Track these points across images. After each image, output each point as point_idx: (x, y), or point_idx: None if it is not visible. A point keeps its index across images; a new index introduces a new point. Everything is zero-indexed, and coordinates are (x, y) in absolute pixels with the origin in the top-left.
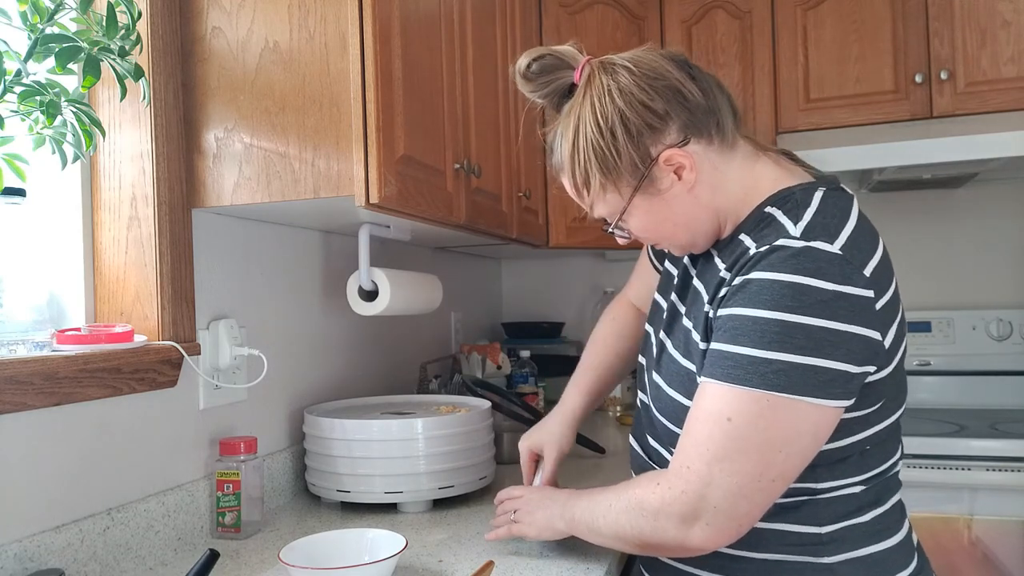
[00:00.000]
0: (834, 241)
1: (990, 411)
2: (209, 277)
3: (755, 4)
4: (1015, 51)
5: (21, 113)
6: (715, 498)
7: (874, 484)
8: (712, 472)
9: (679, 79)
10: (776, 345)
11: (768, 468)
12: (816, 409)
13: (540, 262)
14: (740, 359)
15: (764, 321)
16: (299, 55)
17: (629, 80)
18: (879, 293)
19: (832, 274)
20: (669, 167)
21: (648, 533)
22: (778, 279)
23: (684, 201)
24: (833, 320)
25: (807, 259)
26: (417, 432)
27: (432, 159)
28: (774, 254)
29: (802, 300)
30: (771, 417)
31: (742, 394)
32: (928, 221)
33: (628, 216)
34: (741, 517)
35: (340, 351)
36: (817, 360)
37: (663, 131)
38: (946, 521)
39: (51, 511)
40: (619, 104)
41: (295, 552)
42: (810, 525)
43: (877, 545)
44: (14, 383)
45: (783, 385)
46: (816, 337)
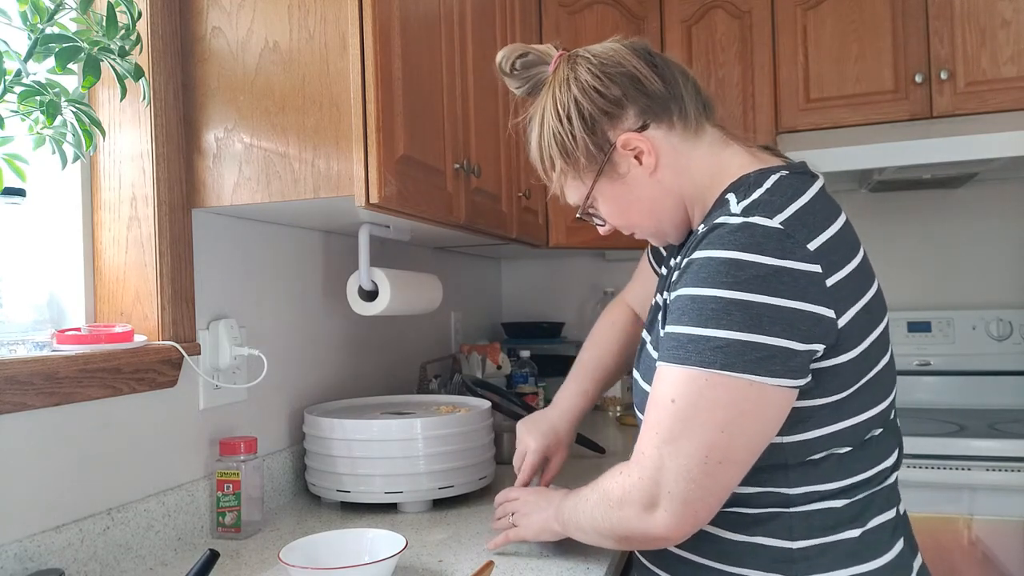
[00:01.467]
0: (775, 216)
1: (990, 411)
2: (209, 277)
3: (755, 4)
4: (1015, 51)
5: (21, 113)
6: (667, 482)
7: (857, 497)
8: (662, 455)
9: (636, 67)
10: (713, 322)
11: (712, 450)
12: (755, 387)
13: (540, 262)
14: (681, 338)
15: (702, 299)
16: (299, 55)
17: (586, 69)
18: (829, 269)
19: (770, 248)
20: (628, 151)
21: (616, 523)
22: (716, 256)
23: (646, 185)
24: (772, 296)
25: (744, 234)
26: (417, 432)
27: (432, 159)
28: (713, 232)
29: (738, 276)
30: (710, 396)
31: (683, 373)
32: (928, 221)
33: (595, 202)
34: (696, 503)
35: (340, 351)
36: (754, 336)
37: (620, 117)
38: (946, 521)
39: (51, 511)
40: (574, 92)
41: (295, 552)
42: (781, 539)
43: (857, 567)
44: (14, 383)
45: (720, 362)
46: (753, 312)
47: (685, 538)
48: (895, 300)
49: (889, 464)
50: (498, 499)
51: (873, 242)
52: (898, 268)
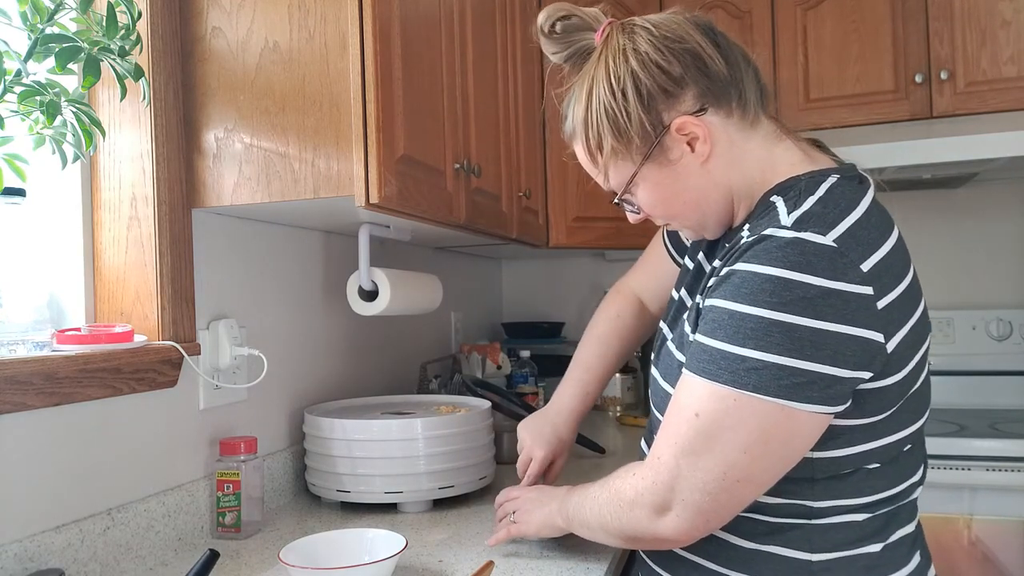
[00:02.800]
0: (828, 232)
1: (990, 411)
2: (209, 277)
3: (755, 4)
4: (1015, 51)
5: (21, 113)
6: (682, 491)
7: (880, 512)
8: (679, 465)
9: (701, 44)
10: (751, 342)
11: (731, 468)
12: (785, 412)
13: (540, 262)
14: (714, 353)
15: (741, 316)
16: (299, 55)
17: (646, 41)
18: (881, 291)
19: (821, 268)
20: (682, 136)
21: (625, 523)
22: (761, 272)
23: (696, 175)
24: (818, 319)
25: (794, 251)
26: (417, 432)
27: (432, 159)
28: (760, 244)
29: (784, 296)
30: (737, 416)
31: (711, 389)
32: (928, 221)
33: (637, 187)
34: (708, 513)
35: (340, 351)
36: (795, 361)
37: (678, 97)
38: (946, 521)
39: (51, 511)
40: (632, 65)
41: (295, 552)
42: (800, 550)
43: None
44: (14, 383)
45: (753, 384)
46: (797, 336)
47: (693, 541)
48: None
49: (915, 480)
50: (499, 499)
51: None
52: None
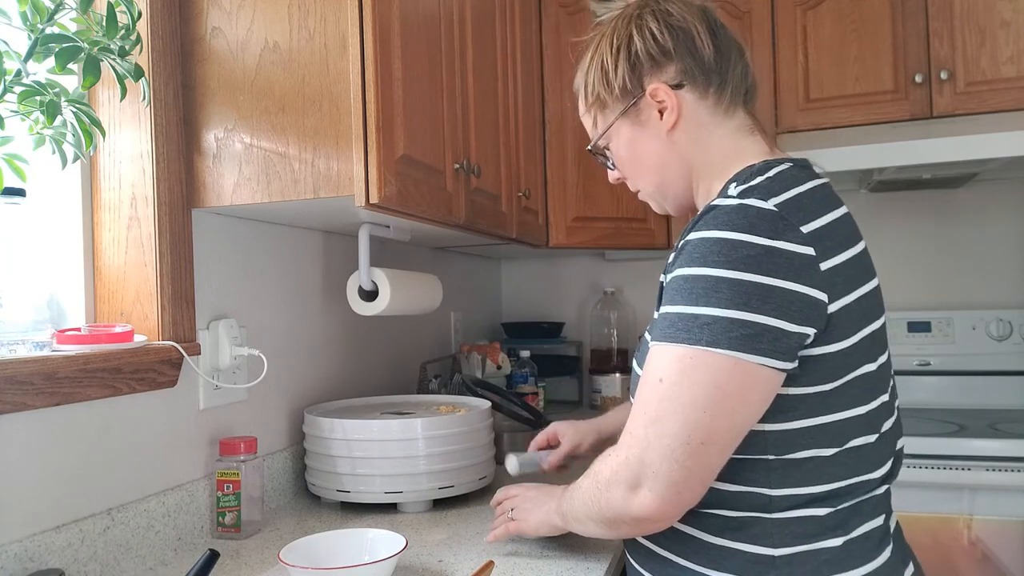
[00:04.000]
0: (769, 199)
1: (990, 411)
2: (209, 277)
3: (755, 4)
4: (1015, 51)
5: (21, 113)
6: (652, 462)
7: (842, 505)
8: (648, 435)
9: (697, 28)
10: (703, 300)
11: (695, 429)
12: (739, 365)
13: (540, 262)
14: (672, 318)
15: (693, 278)
16: (299, 55)
17: (651, 14)
18: (823, 254)
19: (763, 229)
20: (655, 102)
21: (604, 505)
22: (709, 235)
23: (660, 141)
24: (763, 275)
25: (738, 215)
26: (417, 432)
27: (432, 159)
28: (709, 213)
29: (730, 255)
30: (694, 374)
31: (672, 352)
32: (928, 221)
33: (611, 139)
34: (679, 484)
35: (340, 351)
36: (743, 314)
37: (662, 68)
38: (946, 521)
39: (51, 511)
40: (632, 30)
41: (295, 552)
42: (762, 546)
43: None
44: (14, 383)
45: (706, 339)
46: (744, 291)
47: (671, 521)
48: (895, 300)
49: (878, 475)
50: (497, 497)
51: (873, 242)
52: (898, 268)
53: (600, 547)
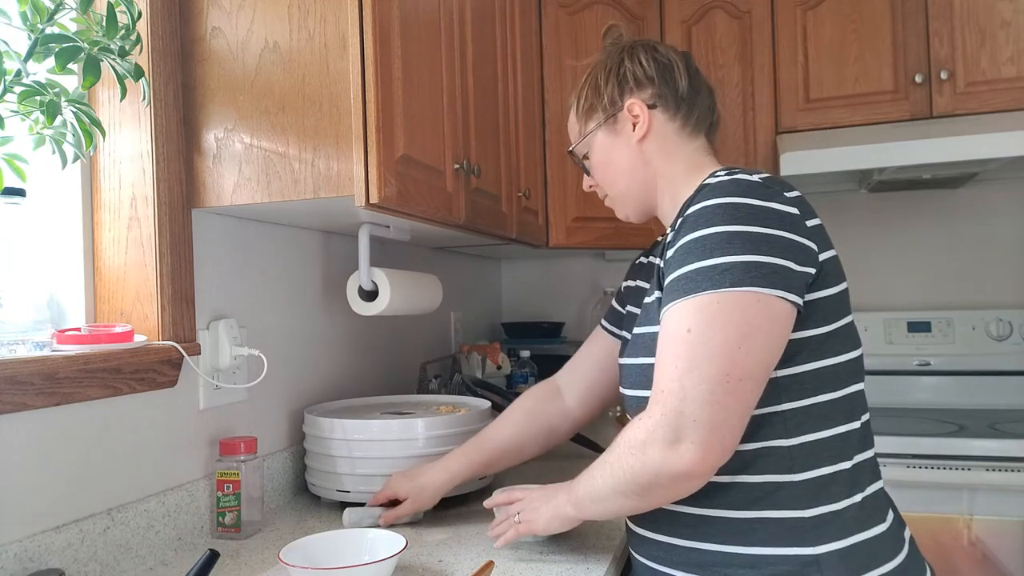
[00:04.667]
0: (753, 175)
1: (990, 411)
2: (209, 277)
3: (755, 4)
4: (1014, 51)
5: (21, 113)
6: (692, 411)
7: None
8: (684, 386)
9: (675, 64)
10: (719, 251)
11: (733, 367)
12: (764, 299)
13: (540, 262)
14: (691, 274)
15: (705, 237)
16: (299, 55)
17: (642, 47)
18: (804, 215)
19: (755, 193)
20: (631, 116)
21: (639, 469)
22: (711, 203)
23: (631, 149)
24: (766, 227)
25: (731, 184)
26: (417, 432)
27: (432, 159)
28: (703, 191)
29: (734, 214)
30: (725, 315)
31: (696, 303)
32: (928, 221)
33: (590, 145)
34: (721, 427)
35: (340, 351)
36: (757, 257)
37: (642, 88)
38: (946, 521)
39: (51, 511)
40: (623, 56)
41: (295, 552)
42: (792, 510)
43: (861, 534)
44: (14, 383)
45: (729, 281)
46: (752, 239)
47: (711, 473)
48: (895, 300)
49: (868, 418)
50: (496, 499)
51: (873, 242)
52: (898, 268)
53: (600, 547)
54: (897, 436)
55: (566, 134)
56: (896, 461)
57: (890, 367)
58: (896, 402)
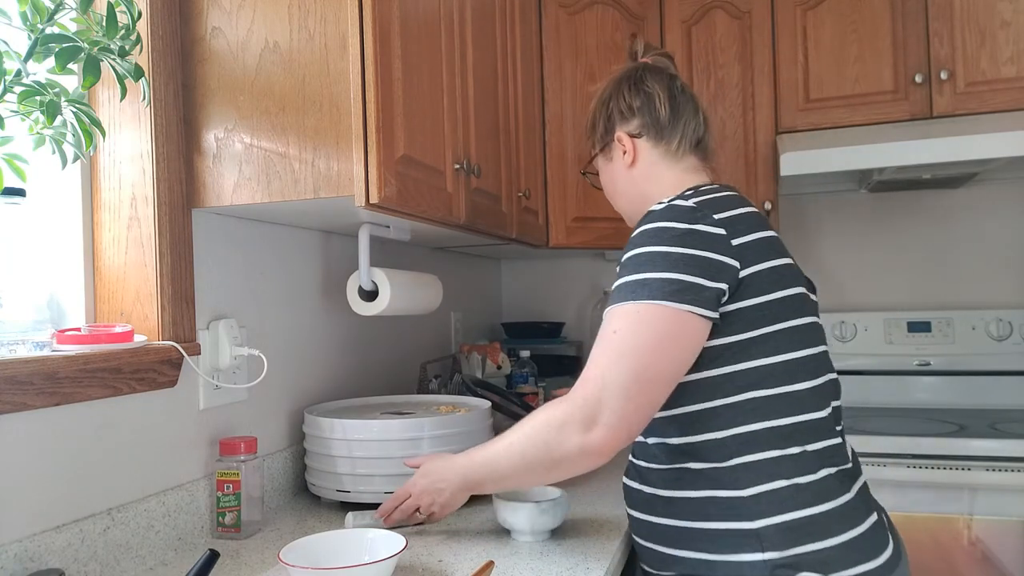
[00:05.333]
0: (689, 200)
1: (990, 411)
2: (209, 277)
3: (755, 4)
4: (1015, 51)
5: (21, 113)
6: (608, 398)
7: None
8: (605, 376)
9: (657, 95)
10: (642, 268)
11: (645, 368)
12: (675, 313)
13: (540, 262)
14: (620, 287)
15: (636, 256)
16: (299, 55)
17: (629, 79)
18: (734, 234)
19: (684, 217)
20: (620, 145)
21: (554, 447)
22: (644, 228)
23: (623, 173)
24: (685, 247)
25: (666, 211)
26: (417, 432)
27: (432, 159)
28: (645, 217)
29: (661, 236)
30: (641, 323)
31: (622, 310)
32: (928, 221)
33: (596, 168)
34: (629, 417)
35: (340, 351)
36: (673, 274)
37: (629, 121)
38: (946, 521)
39: (51, 511)
40: (613, 91)
41: (295, 552)
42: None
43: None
44: (14, 383)
45: (647, 294)
46: (672, 259)
47: (613, 453)
48: (895, 300)
49: (819, 415)
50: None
51: (873, 242)
52: (898, 268)
53: (601, 547)
54: (897, 436)
55: (566, 134)
56: (896, 461)
57: (890, 367)
58: (896, 402)
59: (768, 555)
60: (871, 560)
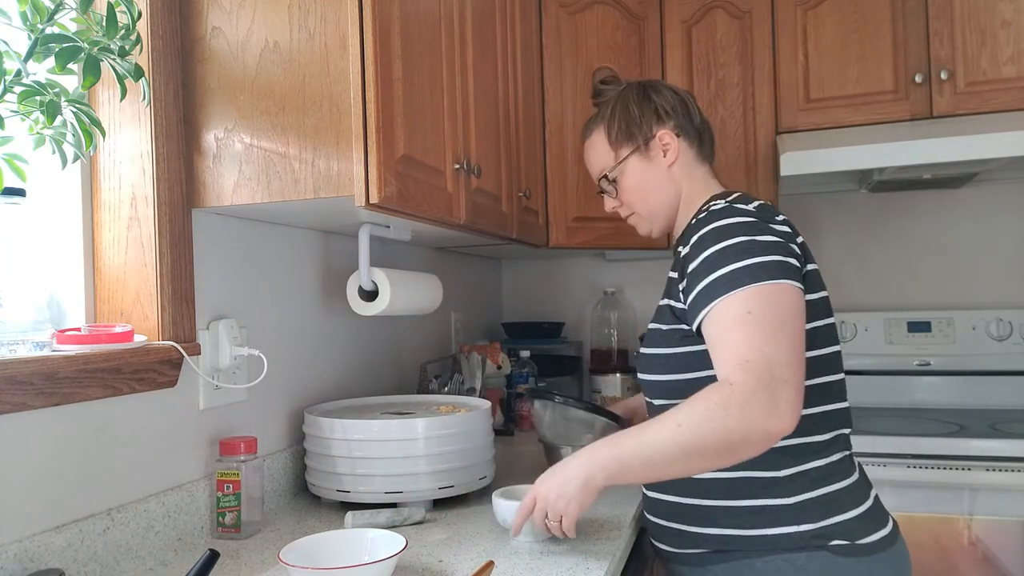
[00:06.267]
0: (748, 204)
1: (990, 411)
2: (209, 277)
3: (755, 4)
4: (1015, 51)
5: (21, 113)
6: (781, 374)
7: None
8: (766, 354)
9: (690, 102)
10: (746, 255)
11: (795, 335)
12: (792, 288)
13: (540, 262)
14: (729, 274)
15: (729, 247)
16: (299, 55)
17: (662, 84)
18: (793, 235)
19: (755, 216)
20: (661, 144)
21: (735, 428)
22: (722, 223)
23: (661, 172)
24: (769, 236)
25: (733, 211)
26: (417, 432)
27: (432, 159)
28: (711, 213)
29: (744, 228)
30: (775, 301)
31: (746, 293)
32: (928, 221)
33: (623, 170)
34: (800, 387)
35: (340, 351)
36: (774, 256)
37: (666, 120)
38: (946, 521)
39: (51, 511)
40: (650, 92)
41: (295, 552)
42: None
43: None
44: (14, 383)
45: (766, 275)
46: (765, 245)
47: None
48: (895, 300)
49: (844, 405)
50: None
51: (873, 242)
52: (898, 268)
53: (600, 547)
54: (897, 436)
55: (566, 134)
56: (896, 461)
57: (890, 367)
58: (896, 402)
59: (804, 527)
60: (882, 528)
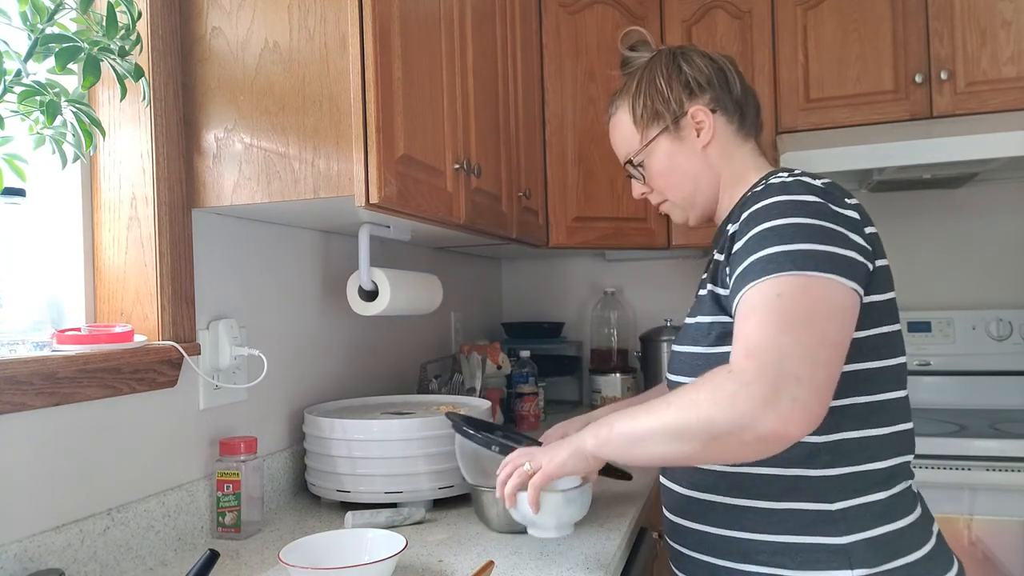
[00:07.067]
0: (817, 180)
1: (990, 411)
2: (209, 277)
3: (755, 4)
4: (1015, 51)
5: (21, 113)
6: (794, 368)
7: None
8: (782, 343)
9: (729, 70)
10: (796, 239)
11: (825, 335)
12: (840, 286)
13: (540, 262)
14: (771, 256)
15: (780, 227)
16: (299, 55)
17: (694, 51)
18: (865, 221)
19: (820, 195)
20: (694, 122)
21: (720, 418)
22: (780, 199)
23: (696, 154)
24: (832, 223)
25: (799, 185)
26: (417, 432)
27: (432, 159)
28: (770, 186)
29: (805, 209)
30: (812, 292)
31: (782, 278)
32: (928, 221)
33: (651, 152)
34: (823, 389)
35: (340, 351)
36: (829, 247)
37: (700, 93)
38: (946, 521)
39: (51, 511)
40: (680, 62)
41: (295, 552)
42: (818, 502)
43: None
44: (14, 383)
45: (811, 265)
46: (823, 232)
47: (800, 437)
48: None
49: (907, 427)
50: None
51: None
52: (898, 268)
53: (601, 548)
54: None
55: (566, 134)
56: None
57: None
58: None
59: (857, 572)
60: (947, 572)
